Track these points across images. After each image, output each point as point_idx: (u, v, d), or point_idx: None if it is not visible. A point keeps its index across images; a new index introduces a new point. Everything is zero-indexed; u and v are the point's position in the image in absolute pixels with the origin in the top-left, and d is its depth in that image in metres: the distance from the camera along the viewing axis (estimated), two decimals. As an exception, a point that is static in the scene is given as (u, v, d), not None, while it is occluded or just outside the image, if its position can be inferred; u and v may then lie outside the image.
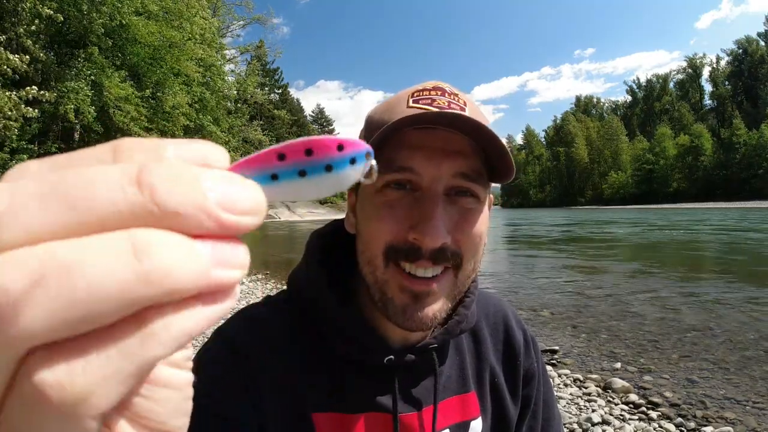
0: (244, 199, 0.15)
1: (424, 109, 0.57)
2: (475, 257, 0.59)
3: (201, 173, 0.14)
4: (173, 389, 0.16)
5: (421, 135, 0.56)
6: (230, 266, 0.15)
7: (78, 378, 0.12)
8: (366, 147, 0.18)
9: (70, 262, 0.12)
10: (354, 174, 0.18)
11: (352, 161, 0.17)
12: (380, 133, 0.54)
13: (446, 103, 0.58)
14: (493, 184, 0.63)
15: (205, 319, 0.14)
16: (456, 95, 0.60)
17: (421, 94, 0.59)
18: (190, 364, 0.18)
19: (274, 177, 0.17)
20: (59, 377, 0.12)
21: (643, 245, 14.15)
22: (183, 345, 0.14)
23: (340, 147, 0.17)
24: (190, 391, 0.17)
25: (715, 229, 19.75)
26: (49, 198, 0.12)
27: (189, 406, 0.17)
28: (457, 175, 0.56)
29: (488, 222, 0.62)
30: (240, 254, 0.15)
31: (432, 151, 0.56)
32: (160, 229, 0.13)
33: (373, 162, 0.19)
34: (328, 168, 0.17)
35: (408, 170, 0.56)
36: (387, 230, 0.56)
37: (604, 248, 13.41)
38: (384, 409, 0.62)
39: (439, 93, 0.59)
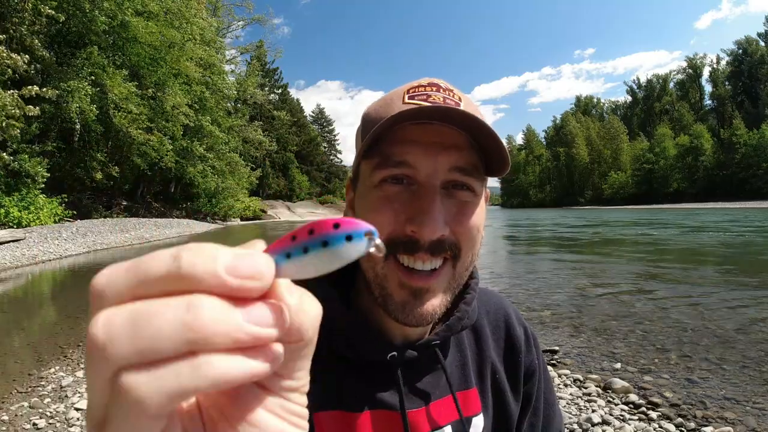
0: (246, 267, 0.18)
1: (419, 104, 0.57)
2: (473, 249, 0.60)
3: (219, 256, 0.18)
4: (256, 429, 0.21)
5: (417, 130, 0.57)
6: (263, 324, 0.18)
7: (150, 384, 0.16)
8: (365, 227, 0.20)
9: (145, 313, 0.17)
10: (353, 250, 0.20)
11: (349, 238, 0.19)
12: (377, 128, 0.54)
13: (441, 99, 0.58)
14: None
15: (243, 368, 0.18)
16: (451, 91, 0.60)
17: (416, 90, 0.60)
18: (296, 421, 0.22)
19: (288, 255, 0.20)
20: (138, 381, 0.16)
21: (643, 245, 14.14)
22: (225, 384, 0.17)
23: (336, 225, 0.20)
24: None
25: (715, 229, 19.74)
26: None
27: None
28: (454, 169, 0.57)
29: (485, 215, 0.62)
30: (272, 317, 0.19)
31: (428, 146, 0.56)
32: (208, 296, 0.18)
33: (378, 241, 0.21)
34: (324, 244, 0.20)
35: (405, 165, 0.56)
36: (385, 223, 0.57)
37: (603, 248, 13.41)
38: (388, 406, 0.62)
39: (435, 89, 0.60)
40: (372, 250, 0.20)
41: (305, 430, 0.23)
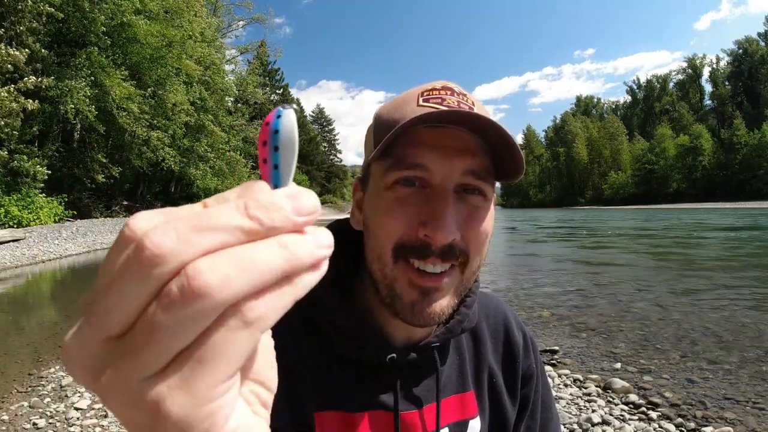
0: (307, 206, 0.21)
1: (434, 107, 0.57)
2: (481, 254, 0.60)
3: (283, 204, 0.20)
4: (265, 351, 0.24)
5: (432, 133, 0.57)
6: (323, 247, 0.21)
7: (260, 307, 0.19)
8: (281, 106, 0.23)
9: (251, 255, 0.19)
10: (288, 118, 0.23)
11: (278, 116, 0.22)
12: (396, 130, 0.54)
13: (456, 103, 0.58)
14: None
15: (317, 277, 0.21)
16: (465, 95, 0.60)
17: (430, 93, 0.60)
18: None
19: (276, 166, 0.23)
20: (260, 308, 0.19)
21: (643, 245, 14.14)
22: (308, 289, 0.21)
23: (268, 123, 0.22)
24: (274, 354, 0.25)
25: (715, 229, 19.74)
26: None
27: (275, 362, 0.25)
28: (467, 173, 0.57)
29: (493, 220, 0.63)
30: (326, 240, 0.21)
31: (443, 149, 0.57)
32: (290, 234, 0.20)
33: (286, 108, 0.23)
34: (276, 132, 0.22)
35: (419, 167, 0.57)
36: (398, 226, 0.57)
37: (603, 248, 13.41)
38: (386, 407, 0.63)
39: (449, 92, 0.60)
40: (293, 108, 0.23)
41: (267, 421, 0.24)
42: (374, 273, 0.60)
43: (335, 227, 0.70)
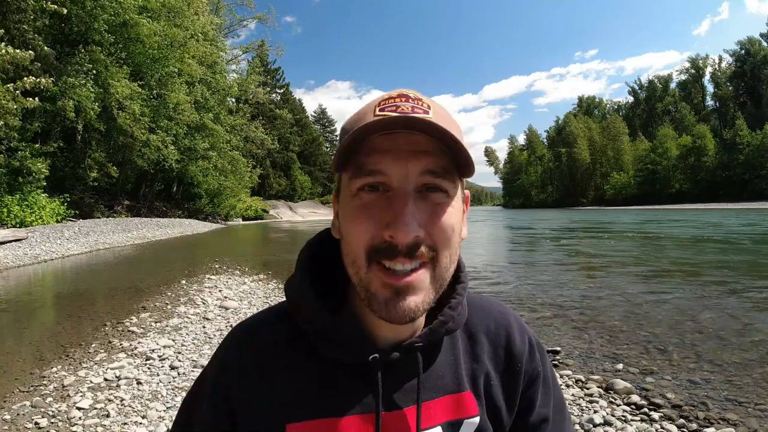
0: None
1: (389, 115, 0.60)
2: (450, 249, 0.62)
3: None
4: None
5: (387, 139, 0.60)
6: None
7: None
8: None
9: None
10: None
11: None
12: (344, 141, 0.59)
13: (410, 108, 0.61)
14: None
15: None
16: (420, 100, 0.63)
17: (387, 102, 0.63)
18: None
19: None
20: None
21: (645, 246, 14.12)
22: None
23: None
24: None
25: (717, 230, 19.70)
26: None
27: None
28: (425, 173, 0.60)
29: (461, 216, 0.65)
30: None
31: (399, 153, 0.59)
32: None
33: None
34: None
35: (378, 173, 0.59)
36: (365, 231, 0.59)
37: (605, 249, 13.39)
38: (367, 410, 0.64)
39: (404, 99, 0.62)
40: None
41: None
42: (352, 278, 0.62)
43: (323, 235, 0.74)
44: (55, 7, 15.17)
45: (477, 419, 0.69)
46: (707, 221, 26.59)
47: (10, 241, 12.51)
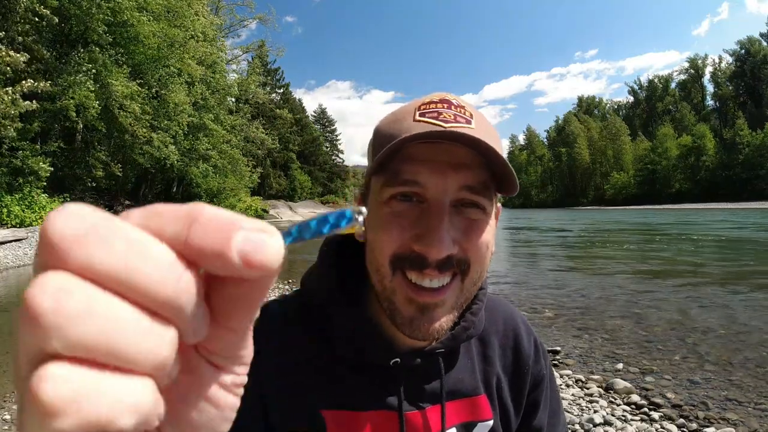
0: (260, 259, 0.18)
1: (430, 122, 0.57)
2: (482, 265, 0.60)
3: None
4: (216, 408, 0.21)
5: (426, 148, 0.57)
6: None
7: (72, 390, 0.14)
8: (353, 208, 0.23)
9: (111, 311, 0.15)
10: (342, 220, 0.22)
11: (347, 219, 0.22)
12: (386, 149, 0.55)
13: (452, 116, 0.58)
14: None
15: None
16: (462, 108, 0.60)
17: (427, 107, 0.60)
18: (240, 392, 0.21)
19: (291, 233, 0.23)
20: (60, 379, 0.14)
21: (645, 246, 14.12)
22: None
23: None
24: (231, 416, 0.21)
25: (717, 230, 19.69)
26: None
27: (225, 427, 0.21)
28: (463, 188, 0.57)
29: (495, 232, 0.63)
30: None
31: (437, 165, 0.57)
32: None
33: (361, 219, 0.23)
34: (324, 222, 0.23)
35: (413, 183, 0.57)
36: (392, 239, 0.57)
37: (605, 249, 13.39)
38: (390, 407, 0.64)
39: (446, 106, 0.59)
40: (359, 219, 0.22)
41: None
42: (375, 285, 0.61)
43: (340, 239, 0.70)
44: (47, 12, 15.22)
45: (491, 423, 0.69)
46: (707, 221, 26.58)
47: (10, 241, 12.50)
